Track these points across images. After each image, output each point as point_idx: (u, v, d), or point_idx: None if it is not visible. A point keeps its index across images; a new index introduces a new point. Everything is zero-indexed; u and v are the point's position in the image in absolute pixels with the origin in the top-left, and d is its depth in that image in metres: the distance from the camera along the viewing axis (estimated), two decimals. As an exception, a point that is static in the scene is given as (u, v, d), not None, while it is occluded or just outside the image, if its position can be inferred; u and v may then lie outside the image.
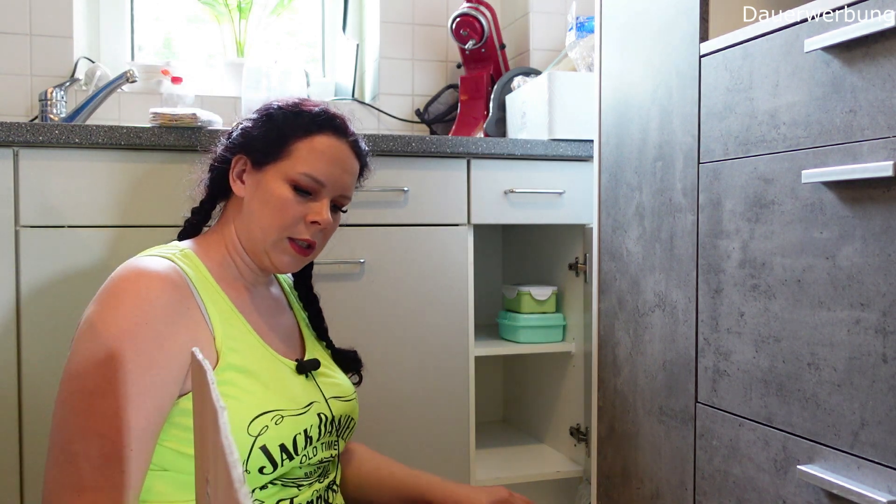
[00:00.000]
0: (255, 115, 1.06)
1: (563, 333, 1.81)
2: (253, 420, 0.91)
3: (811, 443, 0.93)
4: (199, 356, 0.51)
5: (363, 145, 1.09)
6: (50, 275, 1.37)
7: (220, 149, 1.06)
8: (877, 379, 0.84)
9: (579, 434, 1.76)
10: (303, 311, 1.18)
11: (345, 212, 1.08)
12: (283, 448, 0.93)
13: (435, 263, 1.61)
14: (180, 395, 0.90)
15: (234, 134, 1.05)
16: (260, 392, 0.93)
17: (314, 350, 1.12)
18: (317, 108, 1.04)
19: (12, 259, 1.35)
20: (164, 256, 0.95)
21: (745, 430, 1.04)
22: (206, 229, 1.10)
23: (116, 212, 1.41)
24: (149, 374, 0.86)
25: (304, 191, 1.00)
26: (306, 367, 1.03)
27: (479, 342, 1.76)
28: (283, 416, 0.93)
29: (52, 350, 1.37)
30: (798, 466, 0.94)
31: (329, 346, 1.18)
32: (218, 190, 1.07)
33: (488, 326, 2.04)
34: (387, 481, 1.18)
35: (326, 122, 1.03)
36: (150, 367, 0.86)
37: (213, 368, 0.91)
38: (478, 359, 1.72)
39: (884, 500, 0.82)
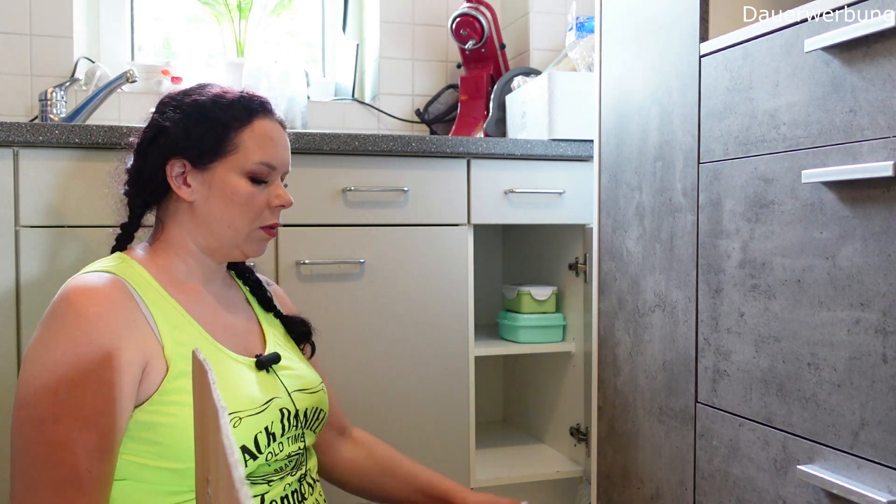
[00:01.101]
0: (176, 114, 1.00)
1: (563, 333, 1.81)
2: None
3: (811, 443, 0.93)
4: (201, 356, 0.51)
5: (284, 117, 1.09)
6: (50, 275, 1.37)
7: (147, 156, 1.00)
8: (877, 379, 0.84)
9: (579, 434, 1.76)
10: (244, 285, 1.16)
11: (286, 185, 1.08)
12: (244, 449, 0.92)
13: (435, 263, 1.61)
14: (135, 407, 0.89)
15: (162, 139, 0.99)
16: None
17: (276, 344, 1.09)
18: (241, 93, 1.02)
19: (12, 259, 1.35)
20: (104, 270, 0.94)
21: (745, 430, 1.04)
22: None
23: (116, 212, 1.41)
24: (100, 393, 0.85)
25: (260, 179, 1.01)
26: (265, 363, 1.01)
27: (479, 342, 1.76)
28: (240, 418, 0.92)
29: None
30: (798, 466, 0.94)
31: (277, 315, 1.15)
32: (149, 198, 1.03)
33: (488, 326, 2.04)
34: (402, 473, 1.22)
35: (258, 106, 1.02)
36: (100, 386, 0.85)
37: (164, 378, 0.90)
38: (478, 359, 1.72)
39: (884, 500, 0.82)
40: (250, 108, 1.01)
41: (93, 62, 1.97)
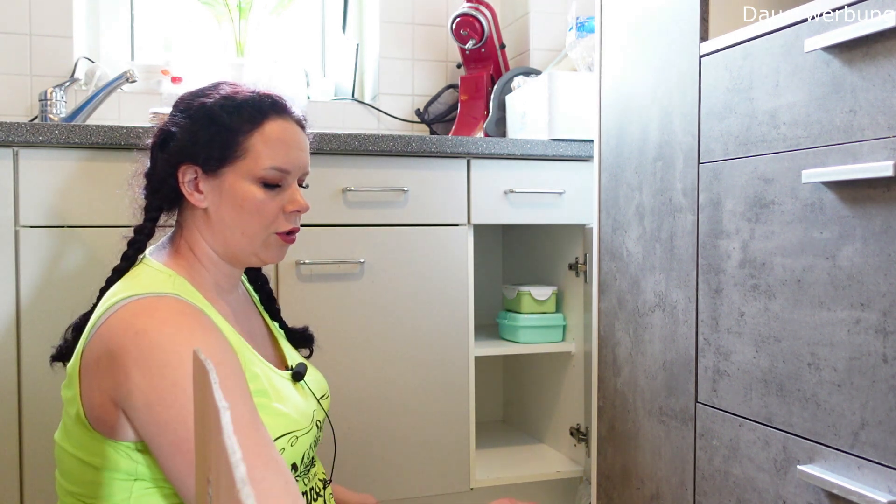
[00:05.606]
0: (184, 119, 0.96)
1: (563, 333, 1.81)
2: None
3: (811, 443, 0.93)
4: (202, 356, 0.51)
5: (303, 114, 1.03)
6: (50, 275, 1.37)
7: (156, 163, 0.98)
8: (877, 379, 0.84)
9: (579, 434, 1.76)
10: (254, 292, 1.15)
11: (306, 187, 1.04)
12: (293, 466, 0.93)
13: (435, 263, 1.61)
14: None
15: (171, 144, 0.96)
16: (278, 415, 0.92)
17: (288, 348, 1.09)
18: (252, 93, 0.97)
19: (12, 259, 1.35)
20: (168, 293, 0.89)
21: (745, 430, 1.04)
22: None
23: (116, 212, 1.41)
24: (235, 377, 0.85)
25: (273, 184, 0.96)
26: (301, 375, 1.01)
27: (479, 342, 1.76)
28: (297, 437, 0.93)
29: (52, 351, 1.36)
30: (798, 466, 0.94)
31: (282, 326, 1.15)
32: (164, 203, 0.99)
33: (488, 326, 2.04)
34: None
35: (269, 106, 0.97)
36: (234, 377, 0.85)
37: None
38: (478, 359, 1.72)
39: (884, 501, 0.82)
40: (261, 110, 0.96)
41: (93, 62, 1.97)
